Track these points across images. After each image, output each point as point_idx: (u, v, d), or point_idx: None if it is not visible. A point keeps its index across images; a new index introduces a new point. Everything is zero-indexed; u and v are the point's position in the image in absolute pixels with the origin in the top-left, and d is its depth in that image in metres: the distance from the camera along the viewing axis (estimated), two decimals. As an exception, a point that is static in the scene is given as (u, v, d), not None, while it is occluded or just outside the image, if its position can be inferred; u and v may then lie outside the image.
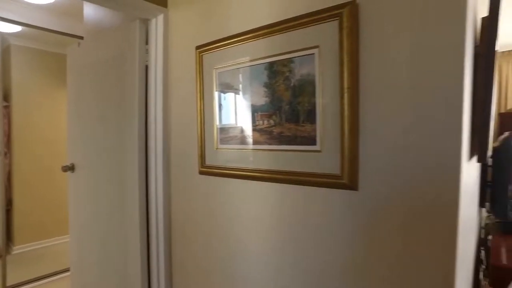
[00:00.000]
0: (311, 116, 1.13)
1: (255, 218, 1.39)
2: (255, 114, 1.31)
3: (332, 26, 1.07)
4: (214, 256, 1.57)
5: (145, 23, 1.78)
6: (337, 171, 1.08)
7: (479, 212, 2.52)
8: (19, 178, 3.60)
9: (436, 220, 0.94)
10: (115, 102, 1.92)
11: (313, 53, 1.12)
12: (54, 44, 3.74)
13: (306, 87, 1.14)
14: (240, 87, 1.37)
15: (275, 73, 1.22)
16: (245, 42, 1.33)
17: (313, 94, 1.12)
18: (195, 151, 1.63)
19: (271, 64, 1.24)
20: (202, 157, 1.56)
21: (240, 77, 1.37)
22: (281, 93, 1.21)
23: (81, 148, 2.22)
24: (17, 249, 3.58)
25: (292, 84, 1.18)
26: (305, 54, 1.14)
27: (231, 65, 1.40)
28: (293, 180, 1.22)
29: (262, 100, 1.28)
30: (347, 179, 1.06)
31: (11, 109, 3.55)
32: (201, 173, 1.59)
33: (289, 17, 1.20)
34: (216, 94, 1.48)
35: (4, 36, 3.36)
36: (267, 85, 1.25)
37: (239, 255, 1.46)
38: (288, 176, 1.22)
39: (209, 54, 1.48)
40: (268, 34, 1.25)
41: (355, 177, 1.05)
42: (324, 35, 1.09)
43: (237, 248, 1.47)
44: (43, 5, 2.70)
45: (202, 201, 1.61)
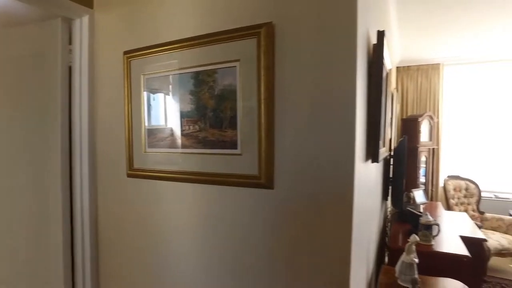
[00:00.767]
0: (233, 122, 1.25)
1: (182, 219, 1.46)
2: (182, 119, 1.39)
3: (251, 43, 1.20)
4: (144, 258, 1.60)
5: (68, 22, 1.73)
6: (255, 172, 1.22)
7: (384, 204, 2.92)
8: None
9: (337, 210, 1.13)
10: (32, 103, 1.82)
11: (235, 66, 1.24)
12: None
13: (229, 96, 1.25)
14: (168, 93, 1.43)
15: (201, 82, 1.32)
16: (172, 51, 1.40)
17: (234, 102, 1.24)
18: (123, 154, 1.64)
19: (197, 74, 1.33)
20: (130, 160, 1.58)
21: (168, 84, 1.43)
22: (206, 101, 1.31)
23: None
24: None
25: (216, 93, 1.28)
26: (228, 66, 1.25)
27: (159, 72, 1.45)
28: (217, 181, 1.32)
29: (188, 106, 1.36)
30: (264, 179, 1.20)
31: None
32: (130, 176, 1.61)
33: (213, 31, 1.30)
34: (144, 99, 1.51)
35: None
36: (193, 93, 1.34)
37: (167, 256, 1.52)
38: (213, 177, 1.33)
39: (137, 60, 1.51)
40: (194, 45, 1.34)
41: (271, 177, 1.20)
42: (244, 50, 1.22)
43: (166, 249, 1.52)
44: None
45: (131, 203, 1.63)
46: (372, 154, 1.40)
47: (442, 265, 2.23)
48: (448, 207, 4.31)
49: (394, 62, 4.55)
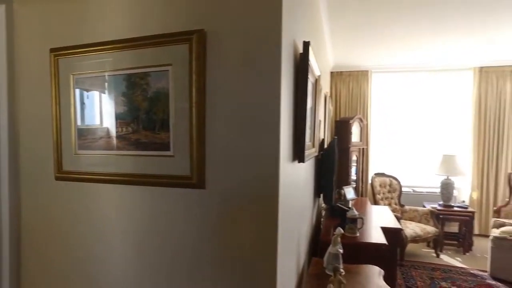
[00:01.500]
0: (165, 125, 1.28)
1: (116, 221, 1.45)
2: (115, 121, 1.38)
3: (184, 48, 1.24)
4: (75, 263, 1.55)
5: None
6: (188, 173, 1.26)
7: (317, 201, 3.14)
8: None
9: (264, 207, 1.22)
10: None
11: (168, 70, 1.27)
12: None
13: (161, 99, 1.28)
14: (102, 93, 1.41)
15: (133, 84, 1.32)
16: (104, 51, 1.38)
17: (167, 105, 1.27)
18: (50, 156, 1.56)
19: (129, 76, 1.33)
20: (59, 162, 1.52)
21: (100, 85, 1.40)
22: (139, 103, 1.32)
23: None
24: None
25: (149, 96, 1.30)
26: (160, 70, 1.28)
27: (90, 73, 1.42)
28: (151, 182, 1.34)
29: (121, 108, 1.36)
30: (196, 180, 1.25)
31: None
32: (58, 179, 1.54)
33: (147, 34, 1.32)
34: (76, 99, 1.47)
35: None
36: (126, 95, 1.34)
37: (100, 259, 1.49)
38: (147, 179, 1.34)
39: (65, 58, 1.46)
40: (128, 47, 1.34)
41: (203, 177, 1.25)
42: (177, 55, 1.25)
43: (99, 252, 1.49)
44: None
45: (61, 207, 1.56)
46: (298, 155, 1.53)
47: (365, 254, 2.48)
48: (375, 202, 4.74)
49: (327, 68, 4.88)
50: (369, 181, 5.27)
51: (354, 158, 5.13)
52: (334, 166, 2.73)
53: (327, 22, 3.57)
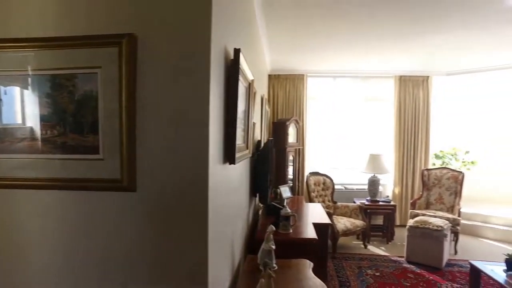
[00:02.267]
0: (94, 128, 1.27)
1: (41, 229, 1.37)
2: (39, 123, 1.32)
3: (113, 51, 1.24)
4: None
5: None
6: (118, 176, 1.26)
7: (254, 200, 3.25)
8: None
9: (193, 209, 1.27)
10: None
11: (96, 72, 1.26)
12: None
13: (90, 102, 1.26)
14: (21, 91, 1.33)
15: (58, 85, 1.28)
16: (25, 49, 1.31)
17: (96, 109, 1.26)
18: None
19: (54, 77, 1.28)
20: (-30, 168, 1.40)
21: (21, 85, 1.33)
22: (65, 105, 1.28)
23: None
24: None
25: (76, 98, 1.27)
26: (89, 72, 1.26)
27: (8, 71, 1.33)
28: (80, 187, 1.31)
29: (45, 110, 1.30)
30: (126, 182, 1.26)
31: None
32: (-31, 186, 1.41)
33: (75, 35, 1.28)
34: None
35: None
36: (50, 97, 1.29)
37: (24, 271, 1.39)
38: (75, 183, 1.31)
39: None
40: (53, 47, 1.28)
41: (133, 180, 1.27)
42: (106, 58, 1.25)
43: (23, 263, 1.39)
44: None
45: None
46: (229, 157, 1.61)
47: (298, 249, 2.65)
48: (310, 200, 5.03)
49: (265, 71, 5.07)
50: (305, 180, 5.58)
51: (291, 158, 5.39)
52: (269, 166, 2.87)
53: (264, 28, 3.73)
